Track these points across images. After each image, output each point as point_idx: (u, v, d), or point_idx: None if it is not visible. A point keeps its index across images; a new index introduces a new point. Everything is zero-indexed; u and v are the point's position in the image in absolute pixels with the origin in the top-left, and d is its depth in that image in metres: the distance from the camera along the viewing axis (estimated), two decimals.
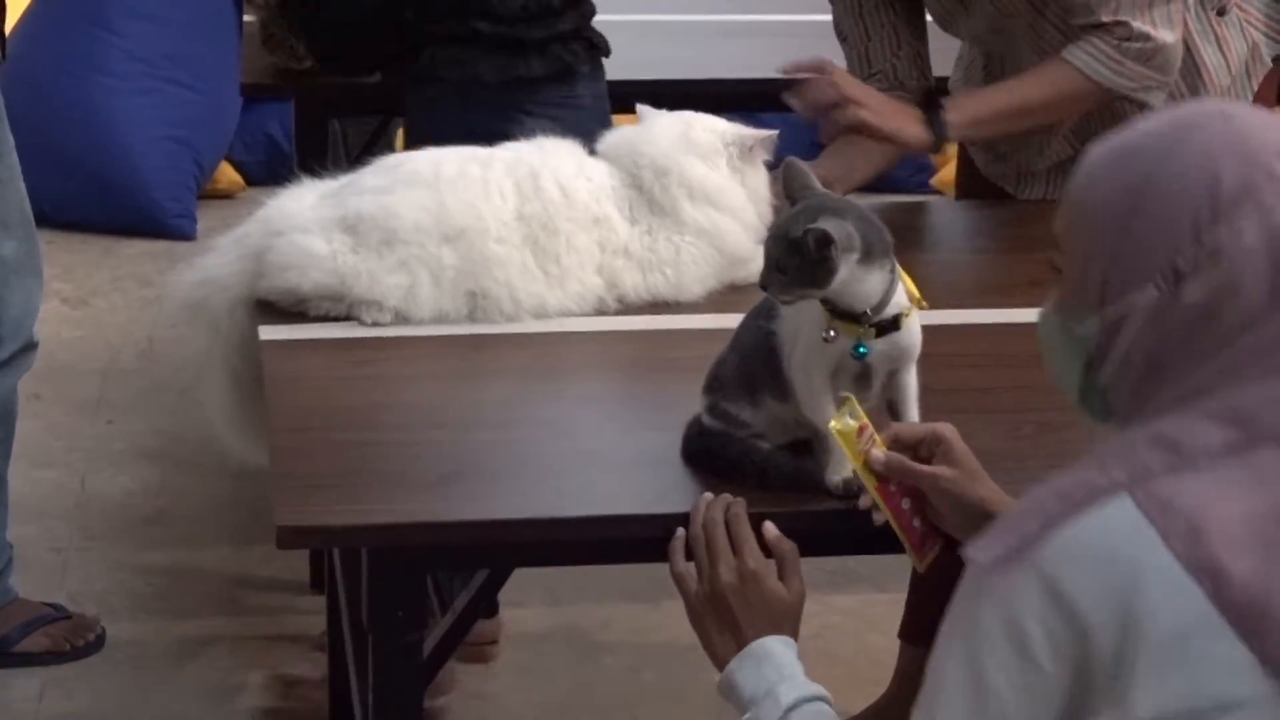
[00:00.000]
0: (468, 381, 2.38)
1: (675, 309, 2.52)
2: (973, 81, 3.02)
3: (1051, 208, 2.89)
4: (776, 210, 2.59)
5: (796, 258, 1.91)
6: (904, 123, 2.73)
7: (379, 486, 2.08)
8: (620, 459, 2.13)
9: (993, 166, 3.04)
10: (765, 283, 1.95)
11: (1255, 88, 2.91)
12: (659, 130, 2.58)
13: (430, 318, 2.45)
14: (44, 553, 3.73)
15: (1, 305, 3.24)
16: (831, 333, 1.96)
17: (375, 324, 2.45)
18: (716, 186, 2.56)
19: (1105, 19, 2.69)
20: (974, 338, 2.47)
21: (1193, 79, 2.87)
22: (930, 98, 2.73)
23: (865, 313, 1.96)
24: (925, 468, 1.94)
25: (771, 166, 2.57)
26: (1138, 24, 2.68)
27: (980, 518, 1.89)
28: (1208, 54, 2.87)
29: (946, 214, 2.85)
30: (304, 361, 2.38)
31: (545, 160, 2.52)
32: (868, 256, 1.94)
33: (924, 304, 2.03)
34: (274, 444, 2.17)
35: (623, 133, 2.61)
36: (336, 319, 2.46)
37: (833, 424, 1.93)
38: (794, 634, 1.89)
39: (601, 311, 2.51)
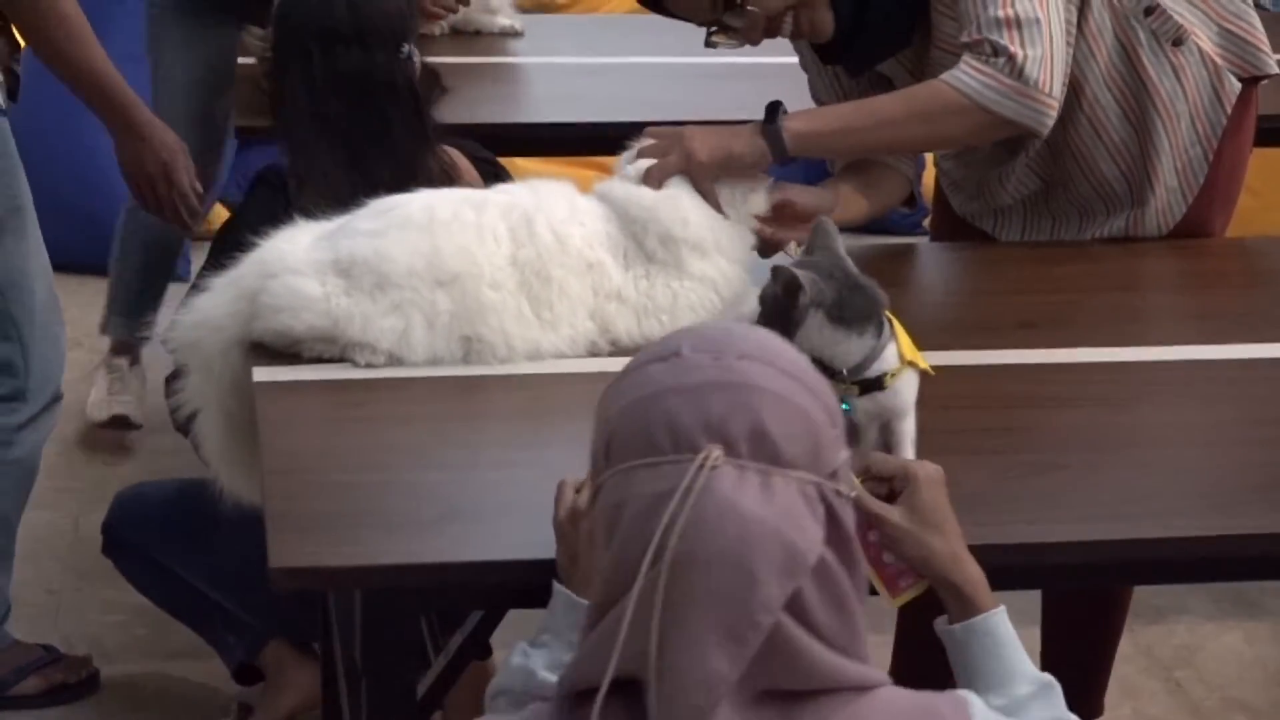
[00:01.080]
0: (461, 423, 2.38)
1: None
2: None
3: (1032, 248, 2.94)
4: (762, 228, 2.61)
5: (769, 299, 1.93)
6: (730, 140, 2.60)
7: (373, 528, 2.08)
8: None
9: (966, 205, 3.04)
10: (785, 259, 1.97)
11: (1228, 112, 2.91)
12: (670, 197, 2.56)
13: (424, 360, 2.45)
14: (38, 594, 3.72)
15: (28, 357, 3.21)
16: None
17: (369, 366, 2.45)
18: (726, 239, 2.56)
19: (968, 39, 2.64)
20: (962, 379, 2.47)
21: (1146, 108, 2.87)
22: (771, 108, 2.64)
23: (841, 372, 1.97)
24: (876, 505, 1.93)
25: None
26: (999, 40, 2.61)
27: (923, 570, 1.91)
28: (1163, 84, 2.86)
29: (933, 255, 2.86)
30: (297, 403, 2.38)
31: (539, 204, 2.52)
32: (841, 319, 1.96)
33: (927, 367, 2.03)
34: (268, 485, 2.16)
35: (629, 190, 2.58)
36: (330, 361, 2.46)
37: None
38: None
39: (594, 353, 2.50)
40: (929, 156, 3.11)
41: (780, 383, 1.63)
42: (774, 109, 2.65)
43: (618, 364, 2.48)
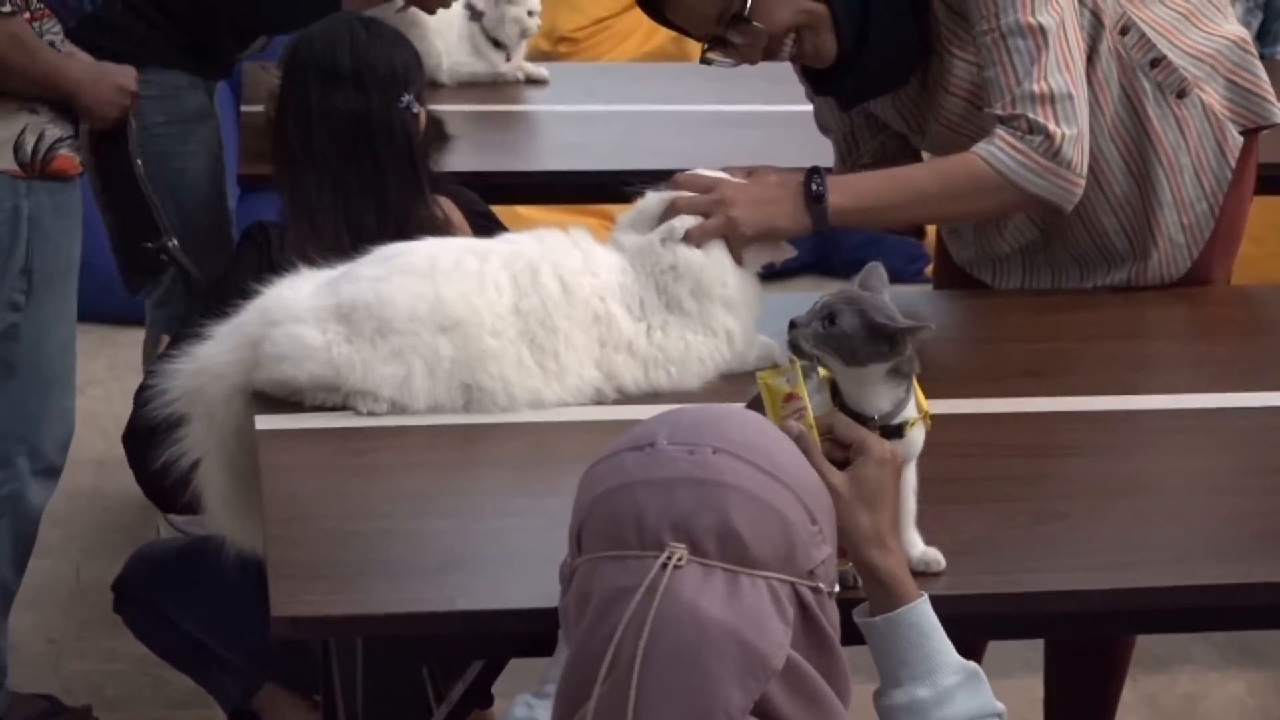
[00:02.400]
0: (463, 471, 2.38)
1: (672, 398, 2.52)
2: None
3: (1035, 296, 2.94)
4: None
5: (865, 334, 1.91)
6: (775, 214, 2.60)
7: (375, 576, 2.08)
8: None
9: (964, 252, 3.05)
10: (799, 322, 1.94)
11: (1233, 165, 2.92)
12: (707, 252, 2.56)
13: (425, 408, 2.45)
14: (38, 643, 3.71)
15: (46, 415, 3.22)
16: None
17: (371, 414, 2.45)
18: (754, 296, 2.58)
19: (1001, 113, 2.67)
20: (966, 427, 2.47)
21: (1149, 161, 2.88)
22: (811, 175, 2.63)
23: (873, 417, 1.97)
24: (822, 462, 1.85)
25: None
26: (1036, 117, 2.65)
27: (844, 543, 1.85)
28: (1167, 136, 2.87)
29: (936, 304, 2.86)
30: (299, 451, 2.38)
31: (545, 254, 2.52)
32: (896, 371, 1.96)
33: (929, 419, 2.03)
34: (269, 533, 2.17)
35: (658, 241, 2.57)
36: (332, 409, 2.46)
37: (765, 373, 1.91)
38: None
39: (599, 401, 2.51)
40: None
41: (755, 480, 1.61)
42: (815, 176, 2.64)
43: (621, 412, 2.52)
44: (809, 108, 3.07)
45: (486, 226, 3.09)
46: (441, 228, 3.01)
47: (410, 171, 3.03)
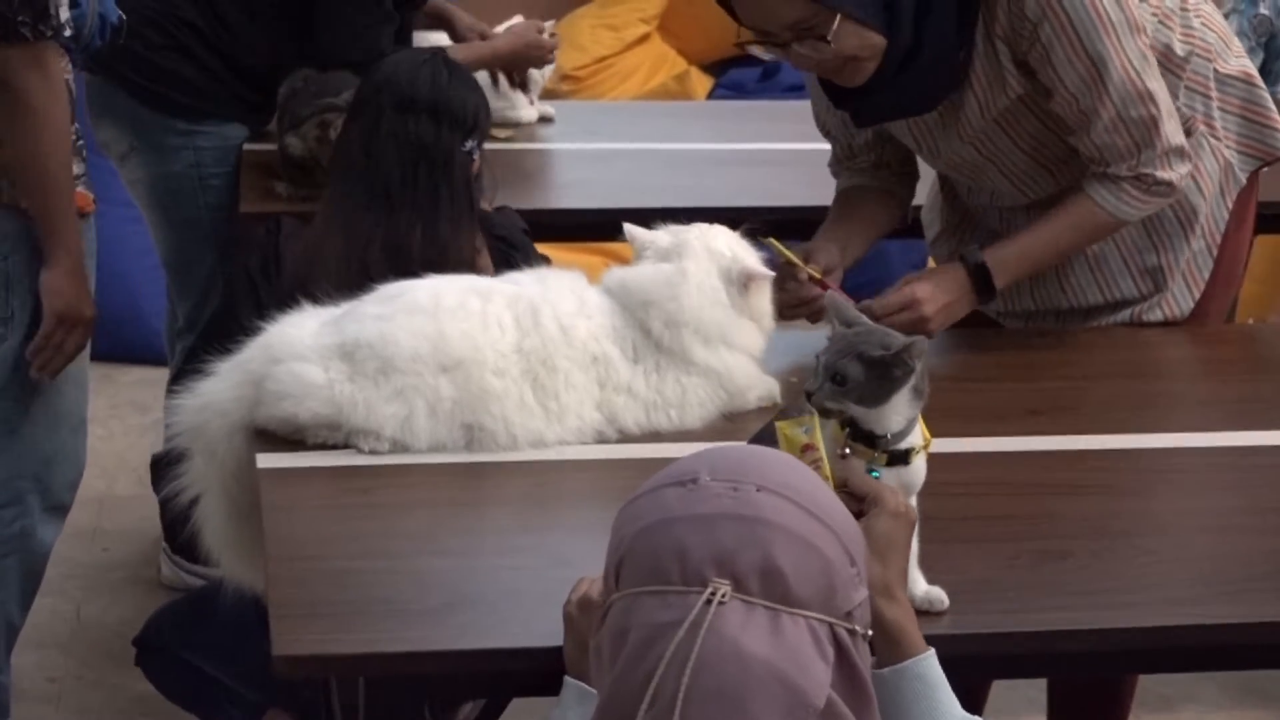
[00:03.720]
0: (466, 510, 2.38)
1: (674, 437, 2.53)
2: (931, 223, 3.14)
3: (1039, 335, 2.94)
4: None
5: (872, 372, 1.93)
6: (960, 310, 2.81)
7: (376, 615, 2.08)
8: None
9: None
10: (813, 389, 1.96)
11: (1230, 206, 2.94)
12: (671, 281, 2.58)
13: (427, 447, 2.45)
14: (40, 683, 3.71)
15: (57, 453, 3.21)
16: (847, 450, 1.97)
17: (373, 452, 2.45)
18: (731, 328, 2.58)
19: (1126, 174, 2.77)
20: (969, 466, 2.47)
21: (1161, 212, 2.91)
22: (978, 268, 2.79)
23: (885, 436, 1.97)
24: None
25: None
26: (1161, 174, 2.77)
27: None
28: None
29: (939, 341, 2.86)
30: (301, 489, 2.39)
31: (546, 295, 2.53)
32: (916, 390, 1.97)
33: (929, 443, 2.03)
34: (271, 572, 2.17)
35: (632, 277, 2.60)
36: (334, 447, 2.46)
37: (784, 424, 1.93)
38: None
39: (601, 441, 2.51)
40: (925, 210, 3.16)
41: (797, 519, 1.61)
42: (983, 273, 2.79)
43: (622, 451, 2.52)
44: (810, 146, 3.08)
45: (506, 259, 3.10)
46: (475, 265, 3.04)
47: (466, 210, 3.07)
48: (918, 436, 2.00)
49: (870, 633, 1.65)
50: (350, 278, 2.74)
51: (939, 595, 2.06)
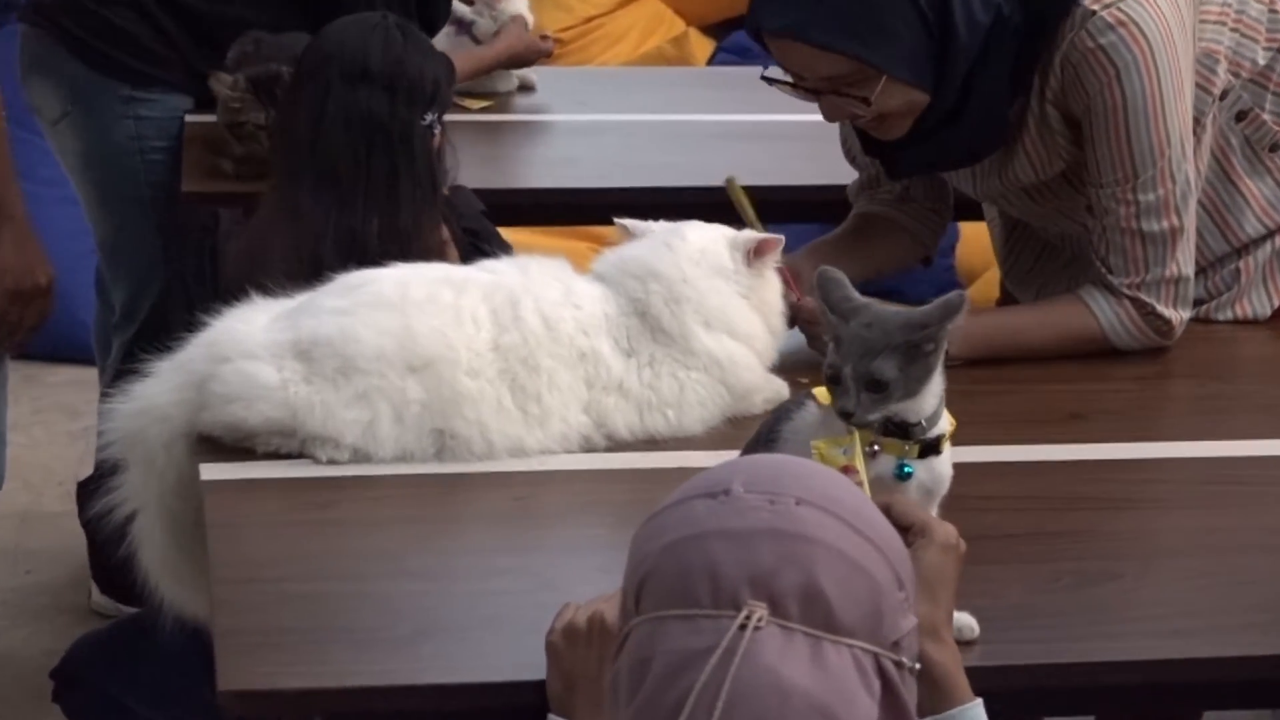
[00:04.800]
0: (437, 526, 2.39)
1: (671, 445, 2.54)
2: (995, 237, 3.19)
3: None
4: (791, 316, 2.64)
5: (907, 362, 1.93)
6: None
7: (336, 645, 2.08)
8: None
9: (1026, 298, 3.12)
10: (850, 408, 1.95)
11: None
12: (672, 249, 2.60)
13: (393, 456, 2.46)
14: None
15: None
16: (875, 448, 1.98)
17: (331, 462, 2.46)
18: (736, 312, 2.59)
19: (1127, 291, 2.83)
20: (1005, 477, 2.49)
21: (1237, 209, 2.99)
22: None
23: (920, 423, 1.98)
24: None
25: None
26: (1162, 308, 2.84)
27: None
28: (1259, 189, 2.99)
29: None
30: (251, 504, 2.39)
31: (527, 285, 2.54)
32: (948, 358, 1.98)
33: (955, 426, 2.05)
34: (216, 597, 2.17)
35: (627, 252, 2.63)
36: (288, 456, 2.47)
37: (820, 443, 1.93)
38: None
39: (589, 449, 2.52)
40: (966, 241, 3.18)
41: (843, 536, 1.60)
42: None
43: (613, 460, 2.53)
44: (811, 118, 3.09)
45: (476, 248, 3.11)
46: (442, 259, 3.02)
47: (429, 194, 3.05)
48: (946, 420, 2.01)
49: (918, 666, 1.65)
50: (299, 278, 2.73)
51: (968, 622, 2.07)
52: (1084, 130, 2.79)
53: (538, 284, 2.56)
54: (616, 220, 2.70)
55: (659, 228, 2.66)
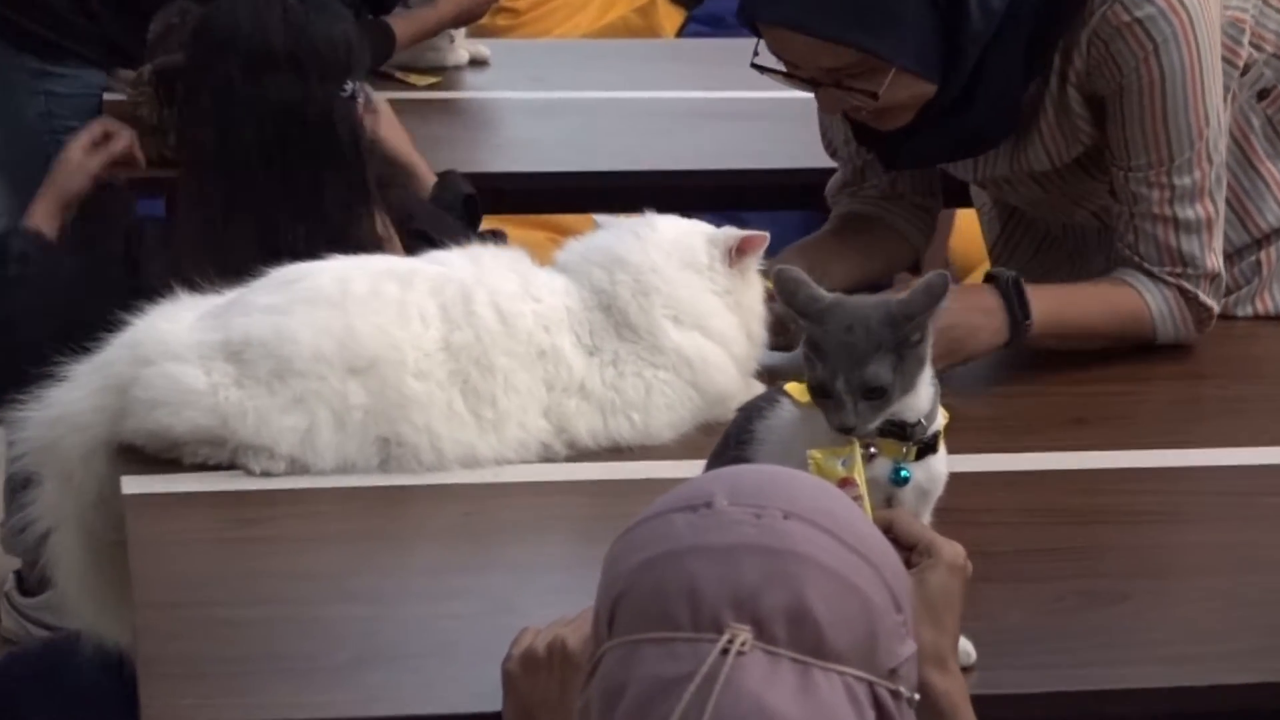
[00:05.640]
0: (382, 544, 2.40)
1: (639, 454, 2.56)
2: (989, 228, 3.21)
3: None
4: (770, 324, 2.64)
5: (899, 359, 1.93)
6: (980, 344, 2.75)
7: (272, 674, 2.09)
8: None
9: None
10: (851, 423, 1.95)
11: None
12: (641, 238, 2.61)
13: (333, 467, 2.47)
14: None
15: None
16: (872, 450, 1.98)
17: (266, 474, 2.47)
18: (709, 310, 2.60)
19: (1169, 279, 2.85)
20: (1002, 488, 2.50)
21: (1257, 194, 3.03)
22: (1016, 289, 2.78)
23: (919, 422, 1.99)
24: None
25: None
26: (1205, 298, 2.86)
27: None
28: None
29: None
30: (177, 520, 2.40)
31: (481, 278, 2.55)
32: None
33: (949, 418, 2.06)
34: (140, 623, 2.18)
35: (593, 241, 2.64)
36: (218, 468, 2.48)
37: (817, 453, 1.94)
38: None
39: (548, 458, 2.53)
40: (960, 231, 3.19)
41: (835, 553, 1.60)
42: (1024, 315, 2.76)
43: (574, 471, 2.54)
44: (793, 95, 3.10)
45: (425, 238, 3.09)
46: (382, 246, 2.99)
47: (354, 177, 2.99)
48: (940, 413, 2.02)
49: (917, 696, 1.66)
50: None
51: (964, 647, 2.08)
52: (1111, 111, 2.80)
53: (492, 276, 2.56)
54: (595, 217, 2.70)
55: (633, 220, 2.67)
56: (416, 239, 3.09)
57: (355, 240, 2.91)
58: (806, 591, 1.58)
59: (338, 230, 2.92)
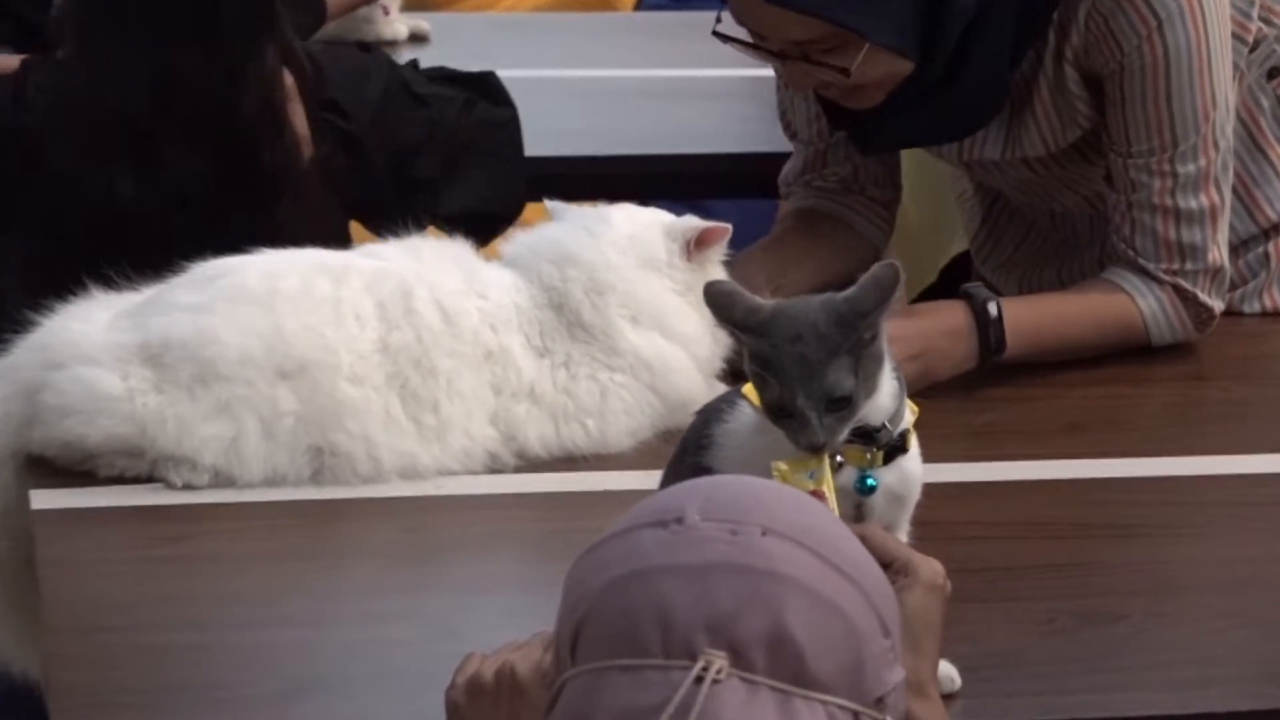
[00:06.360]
0: (314, 563, 2.40)
1: (594, 464, 2.56)
2: (971, 217, 3.22)
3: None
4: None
5: (859, 363, 1.93)
6: (952, 364, 2.76)
7: (196, 704, 2.09)
8: None
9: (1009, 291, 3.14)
10: (818, 440, 1.94)
11: None
12: (594, 234, 2.62)
13: (261, 479, 2.47)
14: None
15: None
16: (839, 459, 1.98)
17: (188, 487, 2.47)
18: (669, 309, 2.61)
19: (1165, 277, 2.85)
20: (987, 499, 2.51)
21: (1266, 180, 3.05)
22: (992, 332, 2.78)
23: (884, 426, 1.99)
24: None
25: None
26: (1204, 298, 2.87)
27: None
28: None
29: None
30: (92, 538, 2.40)
31: (421, 272, 2.55)
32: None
33: (918, 412, 2.06)
34: (49, 650, 2.18)
35: (543, 234, 2.65)
36: (136, 481, 2.48)
37: (784, 465, 1.94)
38: None
39: (496, 469, 2.54)
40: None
41: (817, 574, 1.60)
42: (998, 341, 2.77)
43: (523, 483, 2.54)
44: (762, 72, 3.10)
45: (332, 124, 3.06)
46: (271, 108, 2.96)
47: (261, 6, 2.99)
48: (906, 412, 2.02)
49: None
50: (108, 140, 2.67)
51: (947, 672, 2.09)
52: (1110, 92, 2.81)
53: (434, 271, 2.57)
54: (547, 202, 2.70)
55: (586, 211, 2.67)
56: (325, 106, 3.06)
57: (254, 76, 2.89)
58: (787, 615, 1.58)
59: (234, 60, 2.92)
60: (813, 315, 1.94)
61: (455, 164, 3.14)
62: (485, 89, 3.26)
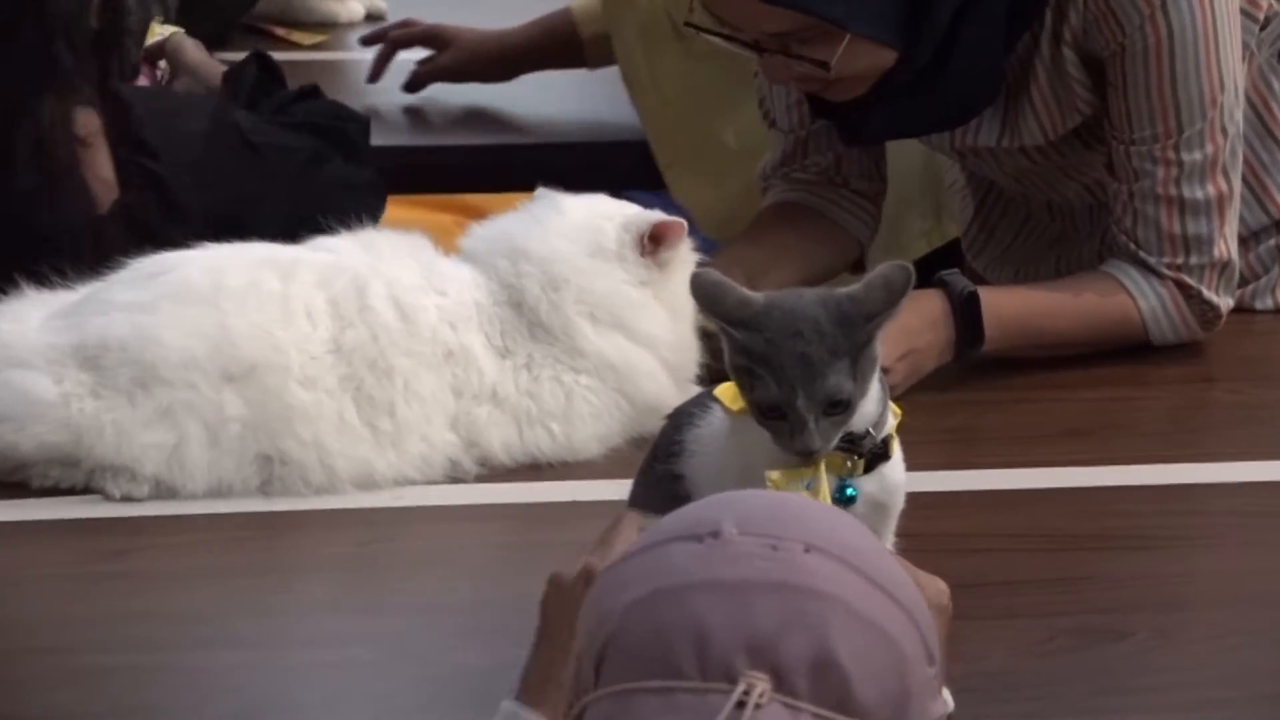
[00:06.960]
0: (263, 580, 2.40)
1: (561, 472, 2.57)
2: (963, 208, 3.24)
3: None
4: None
5: (855, 365, 1.93)
6: (927, 361, 2.78)
7: None
8: (487, 689, 2.14)
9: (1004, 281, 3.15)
10: (814, 445, 1.95)
11: None
12: (543, 223, 2.62)
13: (206, 490, 2.48)
14: None
15: None
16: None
17: (128, 498, 2.47)
18: (631, 305, 2.61)
19: (1167, 272, 2.86)
20: (984, 510, 2.52)
21: (1277, 178, 3.07)
22: (966, 302, 2.80)
23: (867, 432, 1.99)
24: None
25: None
26: (1209, 294, 2.88)
27: None
28: None
29: None
30: (25, 553, 2.40)
31: (376, 267, 2.56)
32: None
33: (900, 416, 2.06)
34: None
35: (496, 226, 2.66)
36: (72, 492, 2.48)
37: (778, 475, 1.94)
38: None
39: (456, 477, 2.54)
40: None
41: (863, 594, 1.59)
42: (974, 340, 2.79)
43: (485, 493, 2.54)
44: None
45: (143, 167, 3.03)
46: (50, 161, 2.87)
47: (44, 50, 2.88)
48: (889, 417, 2.02)
49: None
50: None
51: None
52: (1111, 75, 2.82)
53: (390, 265, 2.57)
54: (540, 190, 2.69)
55: (565, 201, 2.66)
56: (138, 150, 2.97)
57: (26, 135, 2.84)
58: (832, 637, 1.57)
59: (14, 97, 2.84)
60: (812, 311, 1.94)
61: (297, 223, 2.85)
62: (347, 143, 3.19)
